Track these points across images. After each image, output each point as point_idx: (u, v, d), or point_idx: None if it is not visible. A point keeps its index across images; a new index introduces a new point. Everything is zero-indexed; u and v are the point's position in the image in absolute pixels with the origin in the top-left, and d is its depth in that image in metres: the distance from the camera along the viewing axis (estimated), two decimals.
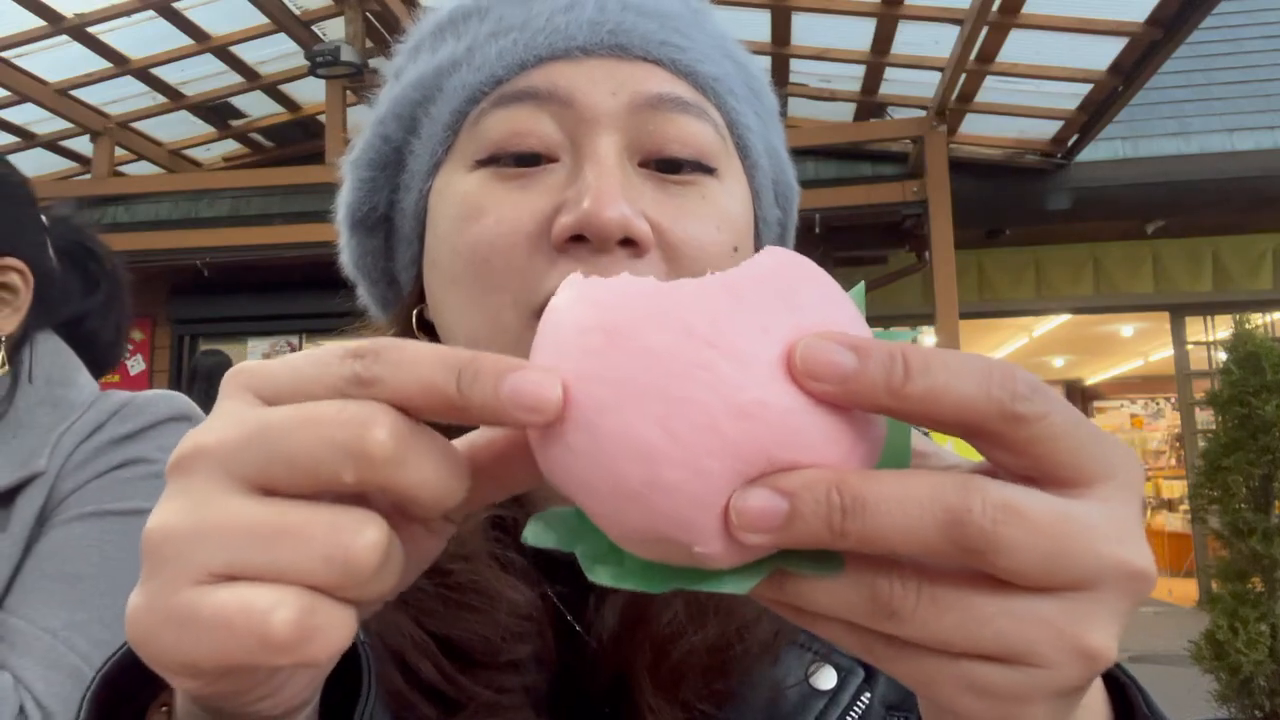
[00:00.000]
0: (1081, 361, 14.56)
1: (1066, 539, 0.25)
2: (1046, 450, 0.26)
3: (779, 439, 0.24)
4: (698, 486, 0.24)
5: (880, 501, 0.24)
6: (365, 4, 5.48)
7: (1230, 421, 3.55)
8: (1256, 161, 6.12)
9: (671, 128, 0.48)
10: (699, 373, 0.24)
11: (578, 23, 0.48)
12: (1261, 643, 3.27)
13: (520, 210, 0.47)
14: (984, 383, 0.25)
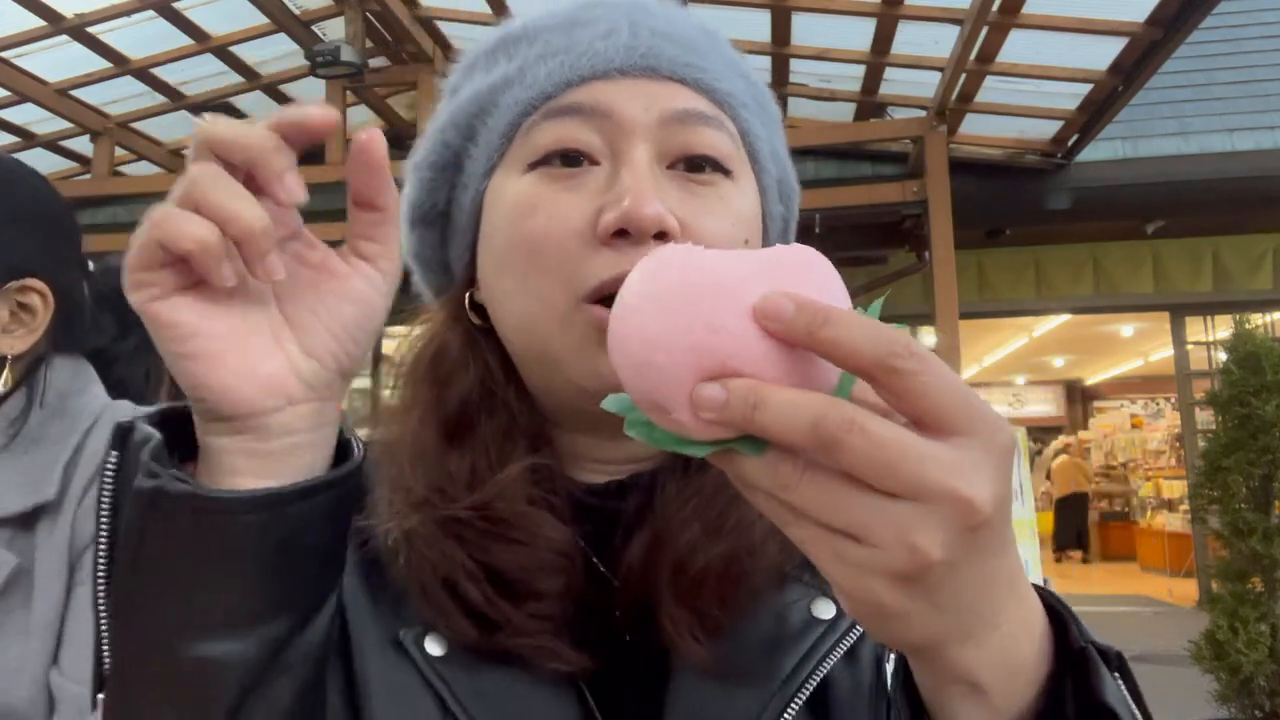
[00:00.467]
0: (1081, 361, 14.57)
1: (899, 457, 0.34)
2: (915, 400, 0.34)
3: (733, 353, 0.35)
4: (675, 371, 0.36)
5: (778, 404, 0.34)
6: (365, 4, 5.48)
7: (1230, 421, 3.55)
8: (1256, 161, 6.12)
9: (695, 137, 0.57)
10: (700, 299, 0.36)
11: (615, 47, 0.58)
12: (1261, 643, 3.27)
13: (569, 208, 0.55)
14: (874, 340, 0.34)
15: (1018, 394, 16.38)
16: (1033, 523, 4.23)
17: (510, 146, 0.59)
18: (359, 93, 6.16)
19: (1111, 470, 13.31)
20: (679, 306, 0.36)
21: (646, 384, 0.37)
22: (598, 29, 0.58)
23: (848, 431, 0.33)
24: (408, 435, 0.61)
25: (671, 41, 0.59)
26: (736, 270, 0.36)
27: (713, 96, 0.59)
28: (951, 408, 0.34)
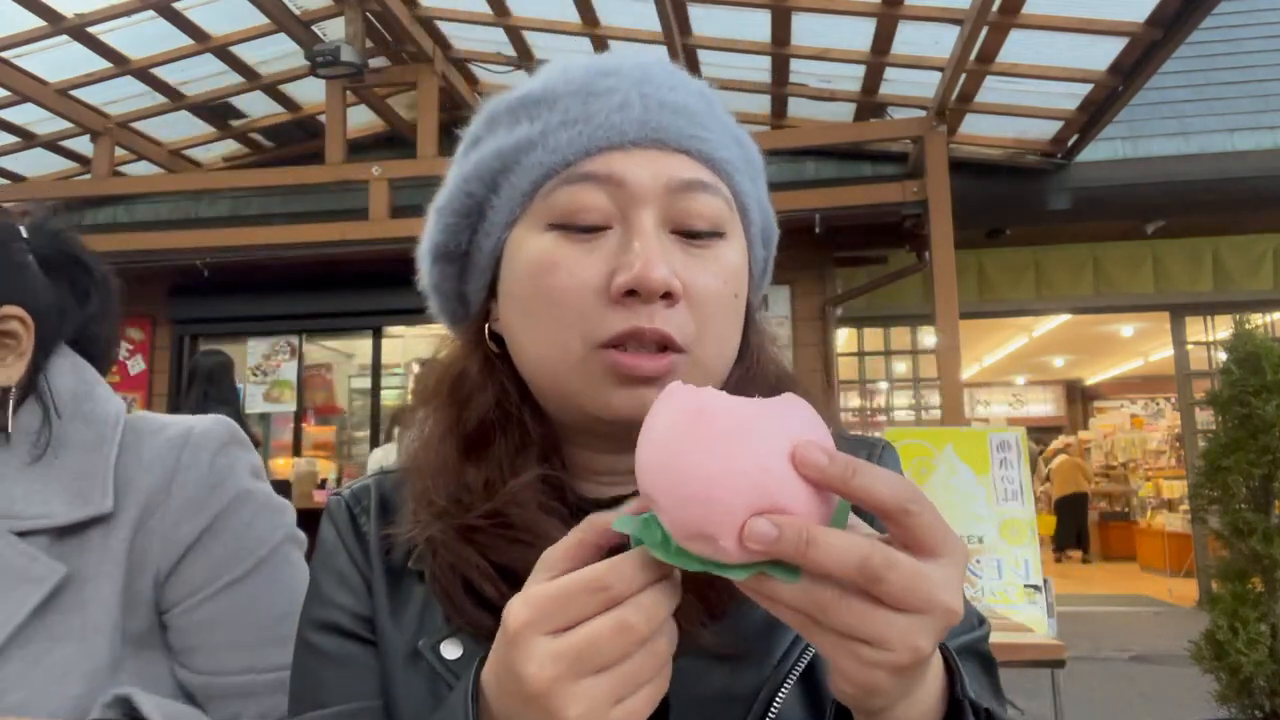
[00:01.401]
0: (1081, 361, 14.56)
1: (921, 585, 0.44)
2: (920, 534, 0.45)
3: (779, 492, 0.43)
4: (731, 506, 0.43)
5: (828, 544, 0.43)
6: (365, 4, 5.49)
7: (1230, 421, 3.54)
8: (1256, 161, 6.12)
9: (695, 204, 0.65)
10: (745, 444, 0.43)
11: (629, 120, 0.65)
12: (1261, 643, 3.27)
13: (586, 269, 0.63)
14: (894, 491, 0.44)
15: (1018, 394, 16.38)
16: (1032, 522, 4.23)
17: (531, 204, 0.66)
18: (359, 93, 6.16)
19: (1111, 470, 13.31)
20: (733, 450, 0.43)
21: (697, 515, 0.43)
22: (613, 100, 0.65)
23: (889, 569, 0.43)
24: (431, 452, 0.68)
25: (677, 114, 0.66)
26: (763, 417, 0.45)
27: (712, 165, 0.67)
28: (942, 538, 0.45)
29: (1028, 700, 4.03)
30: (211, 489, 0.92)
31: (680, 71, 0.70)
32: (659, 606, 0.47)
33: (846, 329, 7.87)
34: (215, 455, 0.93)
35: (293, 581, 0.93)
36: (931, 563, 0.45)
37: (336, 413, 7.62)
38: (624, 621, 0.46)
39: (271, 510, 0.96)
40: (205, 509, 0.91)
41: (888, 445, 0.75)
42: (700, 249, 0.65)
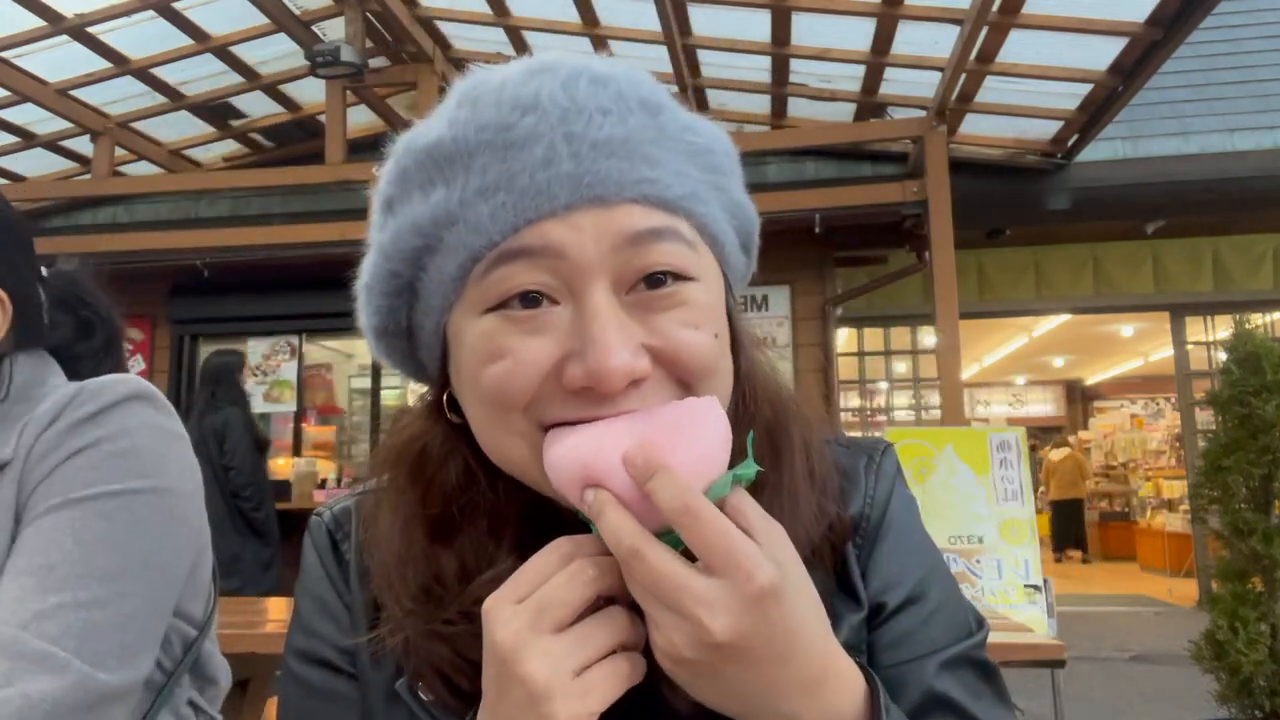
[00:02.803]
0: (1081, 361, 14.57)
1: (659, 581, 0.48)
2: (694, 545, 0.48)
3: (607, 476, 0.51)
4: (570, 477, 0.53)
5: (609, 519, 0.50)
6: (365, 4, 5.48)
7: (1230, 421, 3.54)
8: (1256, 161, 6.12)
9: (650, 256, 0.56)
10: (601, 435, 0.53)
11: (558, 179, 0.54)
12: (1261, 643, 3.27)
13: (534, 354, 0.55)
14: (669, 499, 0.48)
15: (1018, 394, 16.39)
16: (1032, 522, 4.23)
17: (464, 288, 0.57)
18: (359, 93, 6.16)
19: (1111, 470, 13.31)
20: (590, 440, 0.53)
21: (560, 486, 0.54)
22: (535, 154, 0.55)
23: (632, 557, 0.48)
24: (395, 537, 0.62)
25: (616, 155, 0.56)
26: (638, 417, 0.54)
27: (665, 206, 0.57)
28: (713, 556, 0.47)
29: (1028, 700, 4.03)
30: (76, 431, 0.91)
31: (612, 80, 0.58)
32: (611, 566, 0.51)
33: (846, 329, 7.87)
34: (100, 407, 0.93)
35: (90, 536, 0.87)
36: (705, 576, 0.48)
37: (336, 413, 7.62)
38: (577, 569, 0.51)
39: (125, 460, 0.92)
40: (59, 449, 0.90)
41: (888, 448, 0.72)
42: (665, 299, 0.56)
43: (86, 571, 0.85)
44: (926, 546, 0.69)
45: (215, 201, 7.17)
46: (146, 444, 0.94)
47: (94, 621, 0.84)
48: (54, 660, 0.80)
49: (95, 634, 0.84)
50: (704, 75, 5.82)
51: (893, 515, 0.68)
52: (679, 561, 0.48)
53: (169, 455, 0.96)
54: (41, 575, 0.84)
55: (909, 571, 0.66)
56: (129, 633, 0.87)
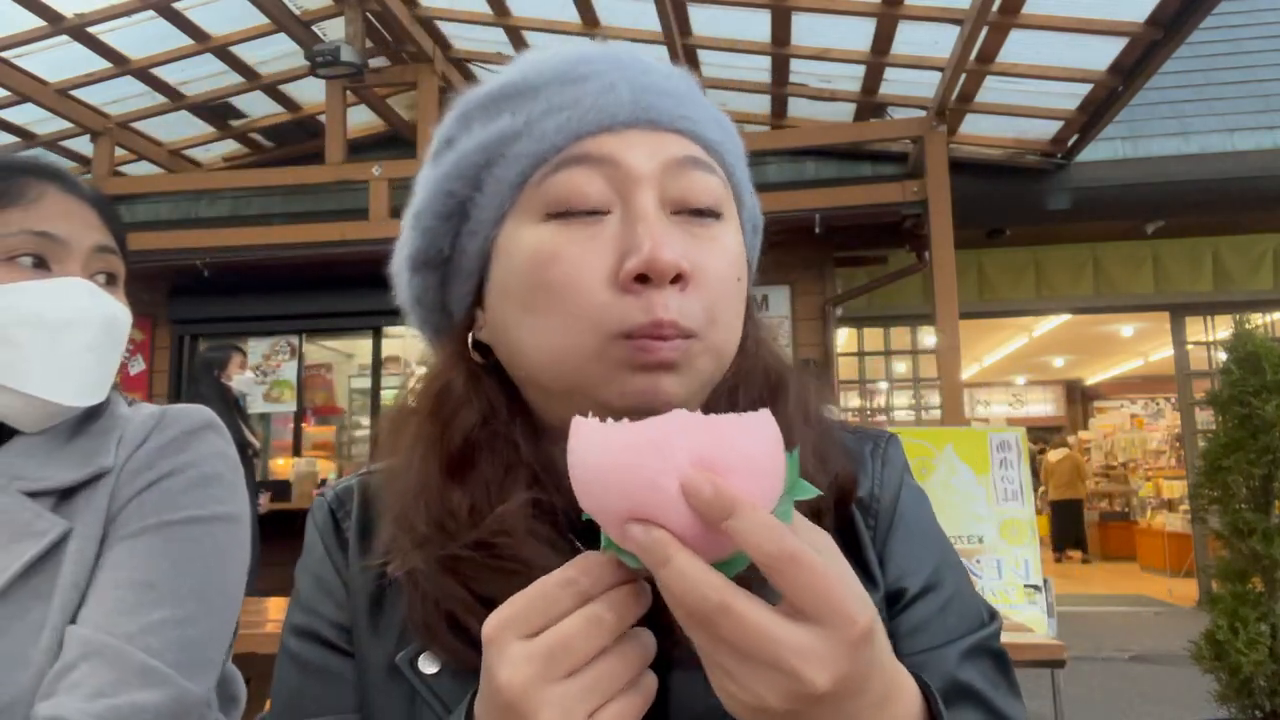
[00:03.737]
0: (1081, 361, 14.56)
1: (757, 638, 0.43)
2: (788, 593, 0.43)
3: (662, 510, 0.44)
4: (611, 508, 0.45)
5: (678, 570, 0.43)
6: (365, 4, 5.48)
7: (1230, 421, 3.54)
8: (1256, 161, 6.12)
9: (694, 182, 0.62)
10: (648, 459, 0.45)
11: (617, 102, 0.62)
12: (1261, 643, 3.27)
13: (591, 256, 0.59)
14: (763, 542, 0.42)
15: (1018, 394, 16.38)
16: (1032, 522, 4.23)
17: (521, 195, 0.62)
18: (359, 93, 6.16)
19: (1111, 470, 13.31)
20: (631, 456, 0.45)
21: (588, 507, 0.47)
22: (598, 84, 0.63)
23: (724, 616, 0.43)
24: (412, 470, 0.63)
25: (666, 95, 0.64)
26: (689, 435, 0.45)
27: (704, 144, 0.64)
28: (820, 606, 0.43)
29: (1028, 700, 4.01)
30: (164, 454, 0.96)
31: (657, 59, 0.68)
32: (628, 605, 0.47)
33: (846, 329, 7.87)
34: (181, 432, 0.98)
35: (182, 558, 0.92)
36: (801, 625, 0.43)
37: (336, 413, 7.62)
38: (594, 615, 0.46)
39: (208, 488, 0.97)
40: (150, 470, 0.95)
41: (893, 438, 0.73)
42: (702, 229, 0.62)
43: (181, 590, 0.90)
44: (940, 536, 0.71)
45: (215, 201, 7.17)
46: (222, 472, 0.99)
47: (187, 637, 0.89)
48: (157, 674, 0.85)
49: (188, 649, 0.89)
50: (704, 75, 5.81)
51: (905, 505, 0.69)
52: (768, 611, 0.43)
53: (236, 484, 1.01)
54: (142, 591, 0.88)
55: (925, 560, 0.67)
56: (210, 649, 0.92)
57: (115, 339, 0.99)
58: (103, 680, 0.82)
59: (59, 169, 1.01)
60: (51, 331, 0.93)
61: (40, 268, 0.94)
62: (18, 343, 0.91)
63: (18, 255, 0.93)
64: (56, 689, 0.82)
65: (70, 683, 0.82)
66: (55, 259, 0.95)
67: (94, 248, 0.98)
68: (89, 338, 0.95)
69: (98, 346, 0.96)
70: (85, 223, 0.98)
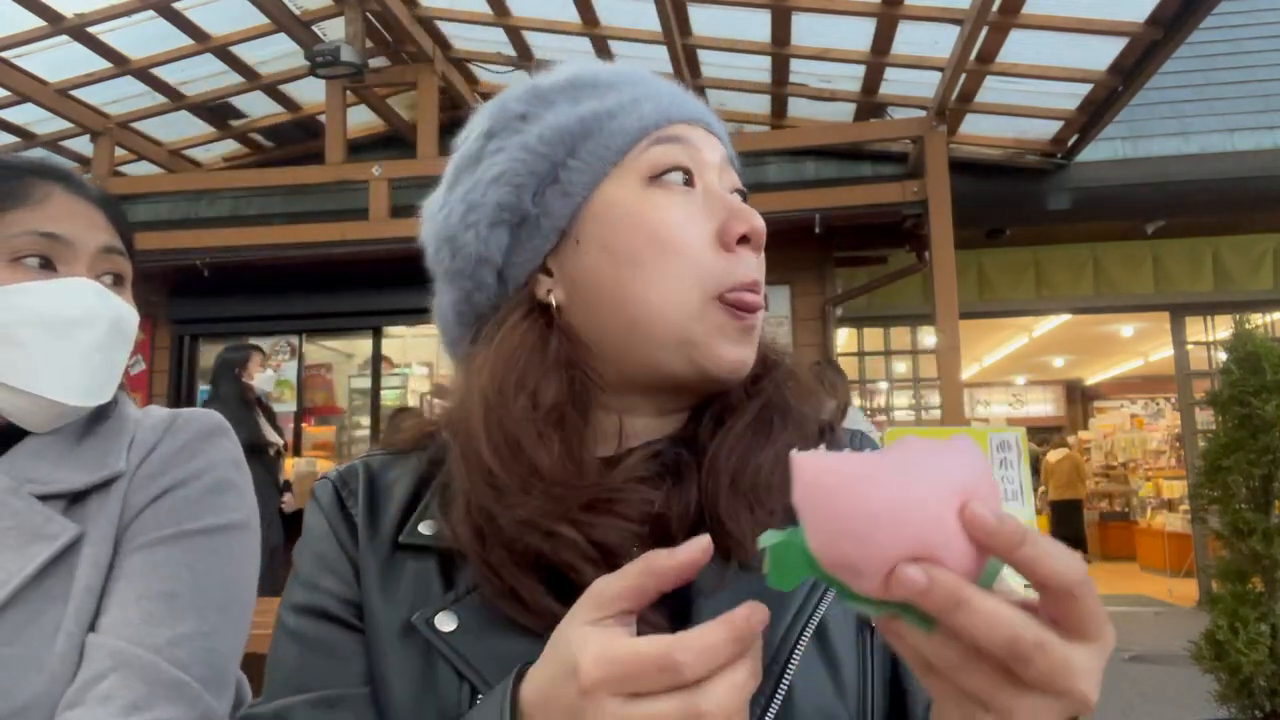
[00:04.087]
0: (1081, 361, 14.56)
1: (1066, 671, 0.42)
2: (1077, 619, 0.42)
3: (938, 544, 0.41)
4: (887, 548, 0.41)
5: (980, 610, 0.41)
6: (365, 4, 5.48)
7: (1230, 421, 3.54)
8: (1256, 161, 6.12)
9: (733, 180, 0.73)
10: (914, 489, 0.42)
11: (686, 102, 0.74)
12: (1261, 643, 3.27)
13: (695, 217, 0.68)
14: (1063, 570, 0.42)
15: (1018, 394, 16.38)
16: (1033, 522, 4.23)
17: (621, 162, 0.69)
18: (359, 93, 6.16)
19: (1111, 470, 13.30)
20: (902, 493, 0.41)
21: (850, 549, 0.42)
22: (666, 87, 0.74)
23: (1039, 652, 0.41)
24: (495, 430, 0.64)
25: (705, 109, 0.76)
26: (935, 462, 0.43)
27: (728, 150, 0.75)
28: (1098, 625, 0.43)
29: None
30: (177, 460, 0.96)
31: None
32: (732, 695, 0.45)
33: (846, 329, 7.87)
34: (193, 436, 0.98)
35: (204, 569, 0.92)
36: (1080, 647, 0.42)
37: (336, 413, 7.62)
38: (694, 709, 0.44)
39: (223, 495, 0.97)
40: (165, 476, 0.95)
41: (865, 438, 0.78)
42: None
43: (204, 602, 0.90)
44: None
45: (215, 201, 7.16)
46: (234, 479, 0.99)
47: (213, 650, 0.89)
48: (188, 690, 0.85)
49: (214, 662, 0.88)
50: (704, 75, 5.82)
51: None
52: (1060, 638, 0.42)
53: (246, 490, 1.01)
54: (166, 602, 0.88)
55: None
56: (230, 663, 0.92)
57: (122, 339, 0.99)
58: (136, 693, 0.82)
59: (65, 169, 1.00)
60: (58, 332, 0.92)
61: (46, 269, 0.94)
62: (24, 343, 0.91)
63: (24, 256, 0.93)
64: (85, 699, 0.82)
65: (101, 694, 0.82)
66: (61, 260, 0.95)
67: (100, 249, 0.98)
68: (96, 338, 0.95)
69: (105, 346, 0.96)
70: (91, 223, 0.98)
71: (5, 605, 0.84)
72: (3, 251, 0.92)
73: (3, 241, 0.92)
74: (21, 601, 0.85)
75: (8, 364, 0.91)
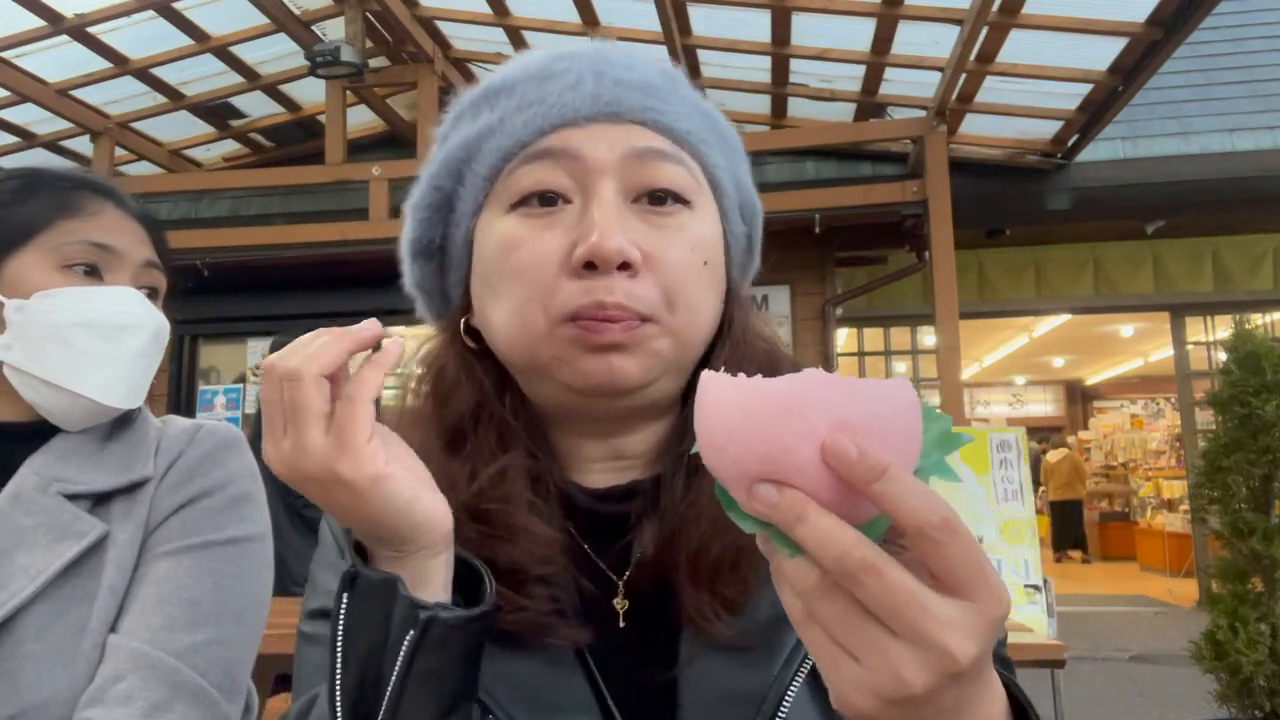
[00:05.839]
0: (1081, 361, 14.57)
1: (904, 604, 0.40)
2: (939, 563, 0.40)
3: (798, 470, 0.42)
4: (743, 465, 0.43)
5: (816, 526, 0.41)
6: (365, 4, 5.48)
7: (1230, 421, 3.54)
8: (1256, 161, 6.12)
9: (655, 172, 0.65)
10: (785, 416, 0.42)
11: (582, 97, 0.65)
12: (1261, 643, 3.27)
13: (547, 244, 0.63)
14: (917, 509, 0.40)
15: (1018, 394, 16.39)
16: (1033, 523, 4.23)
17: (494, 189, 0.67)
18: (359, 93, 6.15)
19: (1111, 470, 13.31)
20: (768, 415, 0.42)
21: (719, 464, 0.44)
22: (567, 80, 0.66)
23: (865, 573, 0.40)
24: (414, 446, 0.66)
25: (632, 89, 0.66)
26: (826, 397, 0.42)
27: (672, 135, 0.66)
28: (965, 576, 0.41)
29: None
30: (201, 470, 1.00)
31: (638, 52, 0.71)
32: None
33: (846, 329, 7.87)
34: (215, 447, 1.03)
35: (225, 579, 0.95)
36: (951, 601, 0.40)
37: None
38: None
39: (243, 507, 1.01)
40: (190, 485, 0.98)
41: None
42: (664, 217, 0.65)
43: (223, 611, 0.93)
44: None
45: (215, 201, 7.16)
46: (253, 491, 1.03)
47: (229, 659, 0.92)
48: (206, 696, 0.88)
49: (230, 670, 0.92)
50: (704, 75, 5.82)
51: None
52: (914, 578, 0.41)
53: (263, 501, 1.05)
54: (188, 609, 0.91)
55: None
56: (243, 673, 0.95)
57: (160, 348, 1.05)
58: (157, 696, 0.85)
59: (114, 186, 1.08)
60: (107, 336, 0.97)
61: (92, 276, 0.99)
62: (74, 343, 0.95)
63: (75, 264, 0.98)
64: (105, 698, 0.84)
65: (121, 694, 0.84)
66: (109, 270, 1.00)
67: (143, 262, 1.04)
68: (141, 344, 1.00)
69: (147, 353, 1.02)
70: (136, 238, 1.05)
71: (33, 600, 0.87)
72: (54, 257, 0.97)
73: (55, 248, 0.97)
74: (48, 598, 0.88)
75: (57, 362, 0.94)
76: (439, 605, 0.55)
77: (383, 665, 0.55)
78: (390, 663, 0.54)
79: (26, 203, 0.98)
